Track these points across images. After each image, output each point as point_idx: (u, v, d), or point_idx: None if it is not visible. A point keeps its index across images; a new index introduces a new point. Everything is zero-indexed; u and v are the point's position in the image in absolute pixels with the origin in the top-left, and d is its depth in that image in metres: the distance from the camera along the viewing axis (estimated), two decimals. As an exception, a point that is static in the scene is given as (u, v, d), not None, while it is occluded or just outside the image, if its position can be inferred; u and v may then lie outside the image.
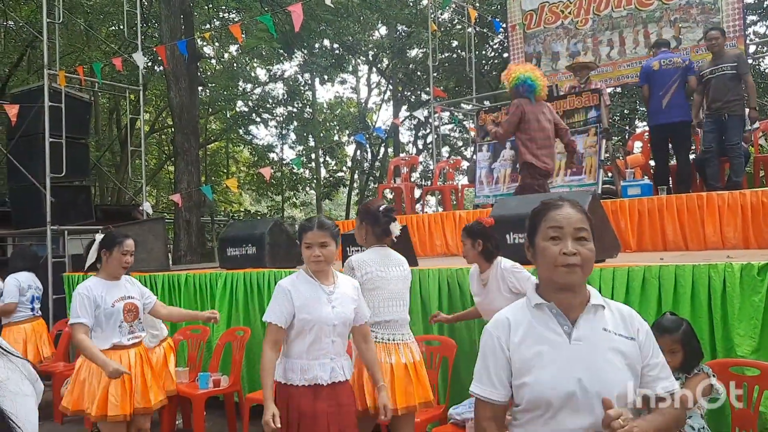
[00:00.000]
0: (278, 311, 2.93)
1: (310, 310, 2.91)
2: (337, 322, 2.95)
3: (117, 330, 3.81)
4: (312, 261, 2.96)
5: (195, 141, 13.11)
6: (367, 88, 26.39)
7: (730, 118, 6.42)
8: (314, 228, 2.95)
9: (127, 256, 3.93)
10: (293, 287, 2.97)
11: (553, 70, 10.00)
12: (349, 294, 3.07)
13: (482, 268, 3.72)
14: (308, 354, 2.92)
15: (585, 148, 6.55)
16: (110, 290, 3.85)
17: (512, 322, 1.81)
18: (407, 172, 10.25)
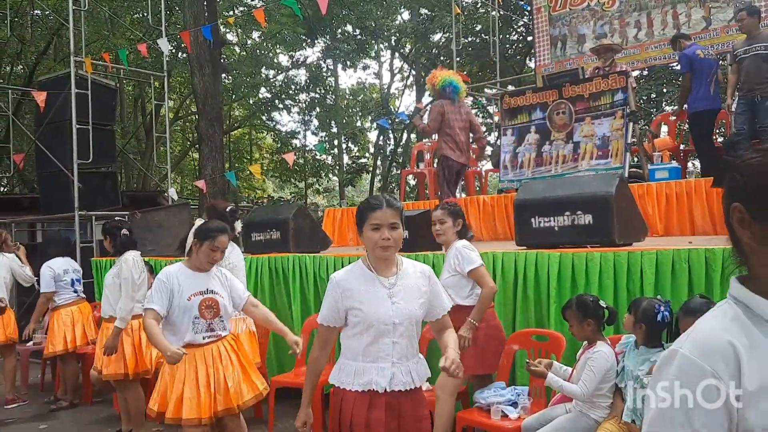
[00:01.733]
0: (326, 310, 2.55)
1: (364, 307, 2.46)
2: (398, 321, 2.47)
3: (191, 326, 3.49)
4: (380, 246, 2.45)
5: (219, 127, 13.18)
6: (389, 74, 26.30)
7: (762, 99, 6.26)
8: (383, 206, 2.44)
9: (216, 253, 3.60)
10: (345, 281, 2.53)
11: (579, 53, 9.84)
12: (416, 285, 2.55)
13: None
14: (365, 356, 2.49)
15: (612, 131, 6.44)
16: (191, 282, 3.54)
17: (740, 351, 1.01)
18: (430, 157, 10.20)
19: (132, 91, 20.87)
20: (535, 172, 6.96)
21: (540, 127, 7.04)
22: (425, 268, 2.63)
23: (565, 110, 6.84)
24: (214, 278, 3.65)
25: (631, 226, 4.27)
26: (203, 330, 3.51)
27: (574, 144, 6.72)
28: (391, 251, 2.47)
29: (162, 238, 7.33)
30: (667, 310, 3.04)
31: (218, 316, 3.57)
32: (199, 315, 3.49)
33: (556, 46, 10.20)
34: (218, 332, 3.58)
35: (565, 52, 10.09)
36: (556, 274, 4.05)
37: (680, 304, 3.51)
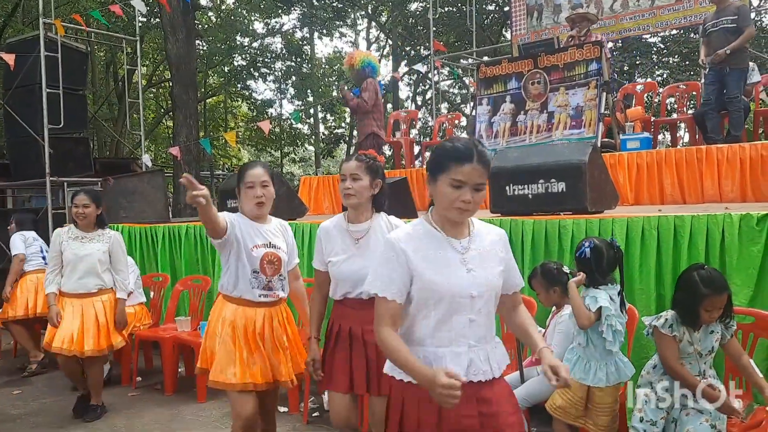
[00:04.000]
0: (387, 279, 2.00)
1: (434, 275, 1.98)
2: (475, 293, 1.98)
3: (249, 281, 3.14)
4: (456, 208, 1.95)
5: (193, 94, 13.01)
6: (366, 43, 26.05)
7: (731, 71, 6.38)
8: (473, 160, 1.91)
9: (255, 189, 3.12)
10: (409, 244, 2.02)
11: (555, 23, 9.86)
12: (493, 250, 2.09)
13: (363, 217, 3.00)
14: (434, 338, 1.99)
15: (585, 101, 6.51)
16: (253, 232, 3.17)
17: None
18: (406, 127, 10.20)
19: (103, 57, 20.41)
20: (509, 141, 7.02)
21: (515, 96, 7.08)
22: (500, 231, 2.17)
23: (540, 80, 6.89)
24: (275, 231, 3.28)
25: (602, 194, 4.36)
26: (260, 287, 3.16)
27: (548, 114, 6.78)
28: (468, 215, 2.01)
29: (136, 205, 7.27)
30: (589, 246, 3.11)
31: (279, 273, 3.22)
32: (259, 269, 3.14)
33: (533, 15, 10.21)
34: (276, 291, 3.23)
35: (541, 22, 10.10)
36: (530, 240, 4.13)
37: (648, 269, 3.63)
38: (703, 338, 2.82)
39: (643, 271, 3.64)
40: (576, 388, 3.04)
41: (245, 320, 3.15)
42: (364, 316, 2.77)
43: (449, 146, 1.98)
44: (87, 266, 4.61)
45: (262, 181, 3.14)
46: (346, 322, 2.94)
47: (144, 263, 6.60)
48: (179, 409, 4.87)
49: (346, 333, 2.93)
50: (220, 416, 4.62)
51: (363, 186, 2.92)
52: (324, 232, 3.03)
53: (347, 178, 2.93)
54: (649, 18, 8.81)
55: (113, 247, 4.74)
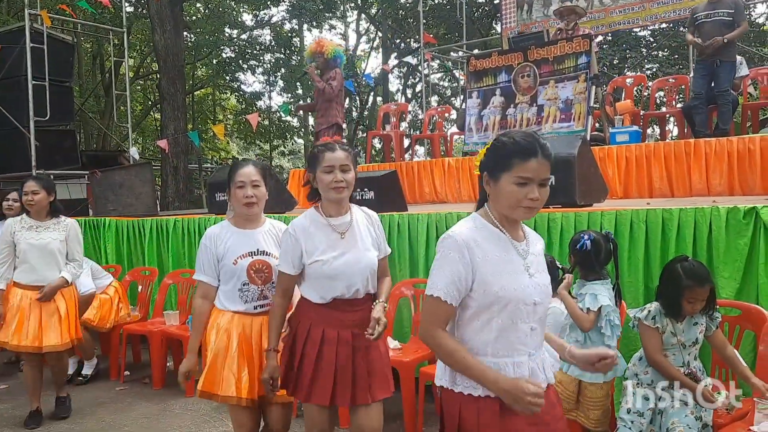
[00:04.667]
0: (449, 281, 1.84)
1: (501, 280, 1.84)
2: (538, 300, 1.90)
3: (238, 294, 2.96)
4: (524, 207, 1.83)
5: (181, 86, 12.92)
6: (356, 35, 25.97)
7: (722, 64, 6.40)
8: (538, 154, 1.80)
9: (245, 189, 2.95)
10: (474, 243, 1.85)
11: (545, 16, 9.85)
12: (542, 257, 2.03)
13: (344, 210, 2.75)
14: (494, 348, 1.86)
15: (575, 94, 6.51)
16: (238, 241, 2.99)
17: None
18: (396, 119, 10.18)
19: (90, 48, 20.21)
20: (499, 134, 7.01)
21: (505, 89, 7.07)
22: (538, 235, 2.09)
23: (530, 73, 6.88)
24: (268, 236, 3.07)
25: (592, 187, 4.36)
26: (254, 298, 2.97)
27: (538, 107, 6.78)
28: (535, 214, 1.90)
29: (123, 198, 7.21)
30: (589, 239, 3.11)
31: (271, 281, 2.99)
32: (248, 280, 2.96)
33: (522, 8, 10.20)
34: (272, 299, 2.95)
35: (530, 15, 10.10)
36: (518, 233, 4.12)
37: (636, 262, 3.64)
38: (686, 330, 2.84)
39: (632, 264, 3.65)
40: (568, 383, 3.06)
41: (242, 329, 2.95)
42: (355, 318, 2.65)
43: (509, 141, 1.83)
44: (45, 257, 4.39)
45: (253, 180, 2.96)
46: (331, 327, 2.65)
47: (131, 257, 6.56)
48: (168, 403, 4.85)
49: (333, 338, 2.63)
50: (210, 410, 4.60)
51: (353, 177, 2.69)
52: (300, 230, 2.68)
53: (335, 169, 2.62)
54: (639, 11, 8.83)
55: (69, 235, 4.50)
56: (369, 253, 2.72)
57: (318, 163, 2.65)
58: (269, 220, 3.16)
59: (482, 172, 1.91)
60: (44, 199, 4.40)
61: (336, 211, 2.72)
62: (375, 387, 2.69)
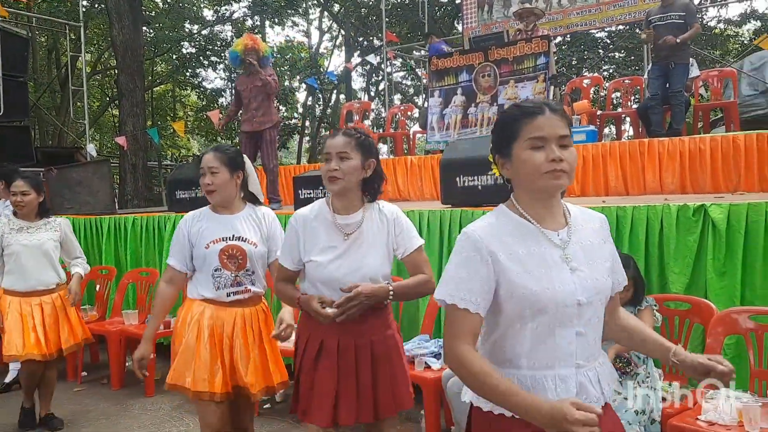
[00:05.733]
0: (467, 286, 1.56)
1: (529, 280, 1.55)
2: (584, 299, 1.57)
3: (210, 280, 2.86)
4: (546, 172, 1.53)
5: (140, 82, 12.71)
6: (318, 33, 25.88)
7: (676, 66, 6.59)
8: (544, 111, 1.56)
9: (205, 176, 2.91)
10: (494, 240, 1.58)
11: (505, 17, 9.98)
12: (597, 242, 1.67)
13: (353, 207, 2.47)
14: (531, 359, 1.57)
15: (534, 94, 6.63)
16: (212, 226, 2.91)
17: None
18: (359, 118, 10.20)
19: (45, 43, 19.71)
20: (461, 133, 7.09)
21: (466, 89, 7.15)
22: (601, 217, 1.73)
23: (491, 73, 6.98)
24: (246, 221, 2.96)
25: (549, 185, 4.46)
26: (227, 284, 2.87)
27: (498, 106, 6.87)
28: (564, 180, 1.54)
29: (80, 195, 7.08)
30: None
31: (245, 268, 2.89)
32: (220, 266, 2.85)
33: (483, 9, 10.32)
34: (247, 286, 2.91)
35: (491, 15, 10.22)
36: (478, 231, 4.19)
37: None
38: None
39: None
40: None
41: (214, 321, 2.85)
42: (355, 327, 2.37)
43: (510, 109, 1.63)
44: (40, 258, 4.15)
45: (211, 167, 2.87)
46: (331, 337, 2.38)
47: (89, 256, 6.42)
48: (127, 403, 4.79)
49: (333, 350, 2.37)
50: (170, 409, 4.57)
51: (352, 167, 2.36)
52: (301, 222, 2.44)
53: (332, 157, 2.36)
54: (596, 13, 9.02)
55: (64, 234, 4.31)
56: (373, 262, 2.40)
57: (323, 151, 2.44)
58: (250, 206, 3.04)
59: (493, 156, 1.66)
60: (34, 200, 4.18)
61: (343, 207, 2.43)
62: (381, 404, 2.41)
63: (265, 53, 6.46)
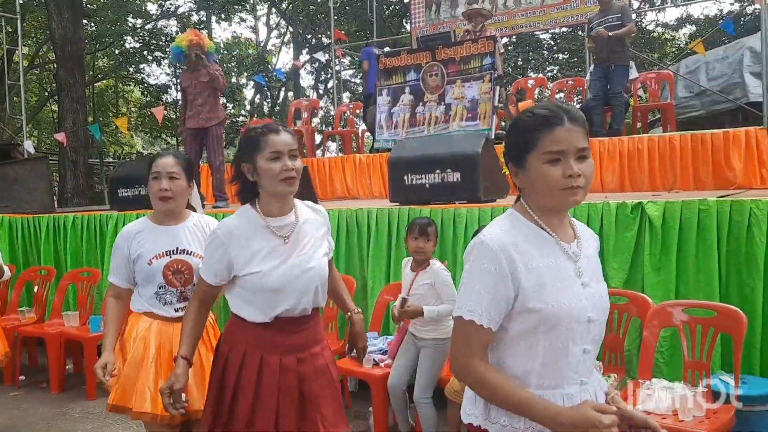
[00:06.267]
0: (484, 300, 1.48)
1: (549, 293, 1.49)
2: (594, 316, 1.54)
3: (157, 299, 2.71)
4: (566, 189, 1.46)
5: (80, 76, 12.34)
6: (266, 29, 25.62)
7: (616, 68, 6.81)
8: (564, 121, 1.48)
9: (160, 181, 2.68)
10: (514, 246, 1.49)
11: (452, 17, 10.09)
12: (597, 260, 1.66)
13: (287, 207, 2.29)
14: (540, 377, 1.52)
15: (480, 94, 6.73)
16: (155, 240, 2.72)
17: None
18: (308, 115, 10.16)
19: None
20: (409, 132, 7.14)
21: (414, 88, 7.21)
22: (593, 233, 1.72)
23: (438, 72, 7.05)
24: (192, 232, 2.78)
25: (495, 184, 4.54)
26: (174, 301, 2.72)
27: (446, 105, 6.96)
28: (580, 196, 1.48)
29: (17, 194, 6.83)
30: None
31: (192, 282, 2.72)
32: (164, 282, 2.70)
33: (431, 8, 10.40)
34: None
35: (439, 15, 10.31)
36: (425, 228, 4.24)
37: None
38: None
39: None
40: None
41: (161, 337, 2.68)
42: (300, 340, 2.23)
43: (527, 116, 1.52)
44: None
45: (170, 172, 2.68)
46: (273, 354, 2.19)
47: (27, 256, 6.23)
48: (67, 407, 4.66)
49: (275, 368, 2.18)
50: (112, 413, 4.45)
51: (301, 166, 2.21)
52: (229, 234, 2.18)
53: (283, 155, 2.14)
54: (540, 15, 9.21)
55: None
56: (319, 261, 2.26)
57: (258, 149, 2.14)
58: (195, 215, 2.86)
59: (507, 163, 1.58)
60: None
61: (279, 210, 2.23)
62: (329, 423, 2.23)
63: (209, 49, 6.34)
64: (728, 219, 3.32)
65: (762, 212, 3.22)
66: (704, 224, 3.37)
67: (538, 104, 1.60)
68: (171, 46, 6.59)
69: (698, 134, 5.94)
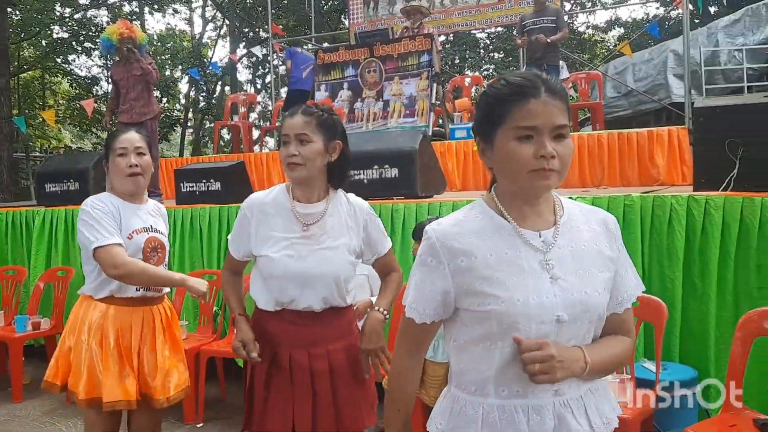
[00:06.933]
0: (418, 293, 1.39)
1: (495, 288, 1.30)
2: (565, 315, 1.30)
3: None
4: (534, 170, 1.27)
5: (5, 67, 11.84)
6: (202, 21, 25.09)
7: (549, 67, 7.00)
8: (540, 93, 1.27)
9: (128, 156, 2.55)
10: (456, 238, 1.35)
11: (390, 14, 10.14)
12: (595, 248, 1.38)
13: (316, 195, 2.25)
14: (500, 385, 1.33)
15: (418, 91, 6.81)
16: (131, 214, 2.59)
17: None
18: (245, 110, 10.03)
19: None
20: (347, 128, 7.08)
21: (352, 84, 7.24)
22: (609, 217, 1.44)
23: (376, 69, 7.10)
24: (154, 214, 2.71)
25: (432, 180, 4.62)
26: None
27: (384, 102, 7.01)
28: (553, 180, 1.28)
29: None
30: None
31: (163, 263, 2.65)
32: (143, 259, 2.54)
33: (369, 5, 10.42)
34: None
35: (377, 12, 10.34)
36: (363, 224, 4.27)
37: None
38: None
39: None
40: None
41: (119, 323, 2.54)
42: (312, 335, 2.11)
43: (500, 84, 1.32)
44: None
45: (137, 147, 2.57)
46: (284, 346, 2.11)
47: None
48: (-9, 411, 4.48)
49: (285, 361, 2.10)
50: (41, 415, 4.31)
51: (315, 151, 2.06)
52: (257, 207, 2.13)
53: (291, 140, 2.07)
54: (476, 15, 9.37)
55: None
56: (336, 258, 2.11)
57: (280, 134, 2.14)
58: (150, 200, 2.77)
59: (475, 138, 1.40)
60: None
61: (304, 196, 2.13)
62: (346, 424, 2.13)
63: (141, 42, 6.19)
64: (651, 214, 3.48)
65: (682, 207, 3.39)
66: (629, 219, 3.52)
67: (514, 71, 1.45)
68: (101, 38, 6.40)
69: (625, 133, 6.19)
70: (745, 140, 3.33)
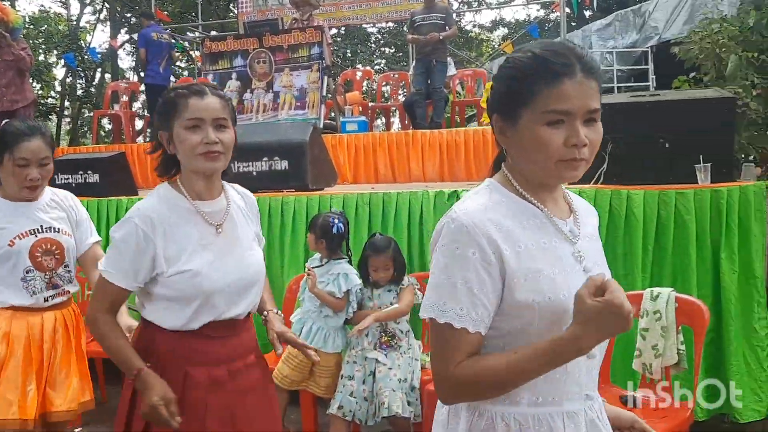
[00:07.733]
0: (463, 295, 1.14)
1: (540, 282, 1.15)
2: None
3: (20, 283, 2.34)
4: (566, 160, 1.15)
5: None
6: (79, 4, 23.63)
7: (437, 63, 7.19)
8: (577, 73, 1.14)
9: (30, 169, 2.32)
10: (496, 224, 1.16)
11: (280, 4, 10.03)
12: (597, 237, 1.33)
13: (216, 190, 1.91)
14: (535, 391, 1.17)
15: (309, 83, 6.78)
16: (14, 217, 2.36)
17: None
18: (128, 99, 9.57)
19: None
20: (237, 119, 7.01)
21: (241, 74, 7.09)
22: (592, 207, 1.37)
23: (266, 59, 6.99)
24: (51, 208, 2.46)
25: (323, 172, 4.62)
26: (42, 289, 2.38)
27: (274, 93, 6.92)
28: (582, 170, 1.17)
29: None
30: (341, 222, 3.32)
31: (63, 264, 2.42)
32: (32, 266, 2.35)
33: (261, -6, 10.27)
34: (65, 287, 2.46)
35: (266, 2, 10.20)
36: (254, 216, 4.22)
37: (361, 241, 3.95)
38: (382, 294, 3.19)
39: (357, 243, 3.96)
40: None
41: (26, 331, 2.34)
42: (231, 348, 1.84)
43: (526, 58, 1.16)
44: None
45: (42, 158, 2.35)
46: (200, 366, 1.79)
47: None
48: None
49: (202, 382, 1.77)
50: None
51: (232, 138, 1.82)
52: (155, 221, 1.75)
53: (206, 124, 1.75)
54: (366, 9, 9.45)
55: None
56: (256, 254, 1.92)
57: (177, 115, 1.76)
58: (49, 190, 2.51)
59: (490, 115, 1.24)
60: None
61: (207, 192, 1.85)
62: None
63: (15, 24, 5.80)
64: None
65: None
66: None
67: (542, 41, 1.22)
68: None
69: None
70: (613, 137, 3.57)
